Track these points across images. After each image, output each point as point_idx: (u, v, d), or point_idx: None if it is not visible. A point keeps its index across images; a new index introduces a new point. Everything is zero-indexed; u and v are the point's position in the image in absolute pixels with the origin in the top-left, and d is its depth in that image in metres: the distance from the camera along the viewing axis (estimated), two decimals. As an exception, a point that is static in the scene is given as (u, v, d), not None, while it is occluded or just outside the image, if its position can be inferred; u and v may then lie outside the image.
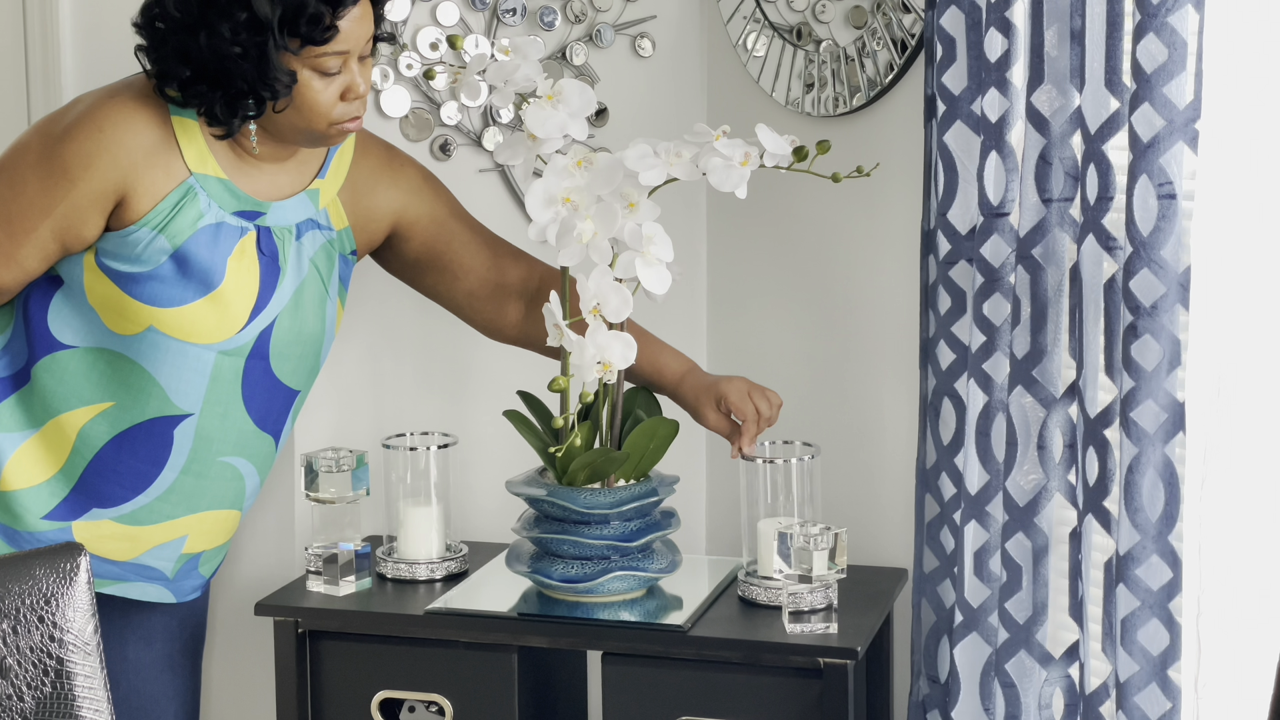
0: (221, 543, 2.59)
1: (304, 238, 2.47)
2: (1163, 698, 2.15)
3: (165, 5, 2.30)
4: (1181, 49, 2.05)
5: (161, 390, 2.42)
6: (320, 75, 2.32)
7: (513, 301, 2.63)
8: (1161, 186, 2.07)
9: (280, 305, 2.45)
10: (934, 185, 2.45)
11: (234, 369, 2.44)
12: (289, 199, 2.45)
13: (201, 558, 2.57)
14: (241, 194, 2.40)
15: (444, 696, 2.54)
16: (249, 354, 2.45)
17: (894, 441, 2.74)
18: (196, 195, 2.37)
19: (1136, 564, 2.14)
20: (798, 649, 2.39)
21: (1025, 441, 2.31)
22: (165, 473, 2.47)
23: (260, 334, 2.44)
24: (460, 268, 2.62)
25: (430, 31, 2.83)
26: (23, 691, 1.85)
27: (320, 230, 2.49)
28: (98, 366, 2.41)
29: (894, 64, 2.64)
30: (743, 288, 2.93)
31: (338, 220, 2.52)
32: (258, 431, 2.51)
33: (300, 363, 2.52)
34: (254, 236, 2.42)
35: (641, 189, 2.37)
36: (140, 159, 2.34)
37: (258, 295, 2.42)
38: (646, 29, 2.92)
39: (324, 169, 2.50)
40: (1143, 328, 2.11)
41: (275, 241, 2.43)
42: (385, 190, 2.56)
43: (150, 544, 2.50)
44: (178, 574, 2.55)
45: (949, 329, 2.45)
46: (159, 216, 2.35)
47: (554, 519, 2.50)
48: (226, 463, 2.50)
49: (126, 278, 2.37)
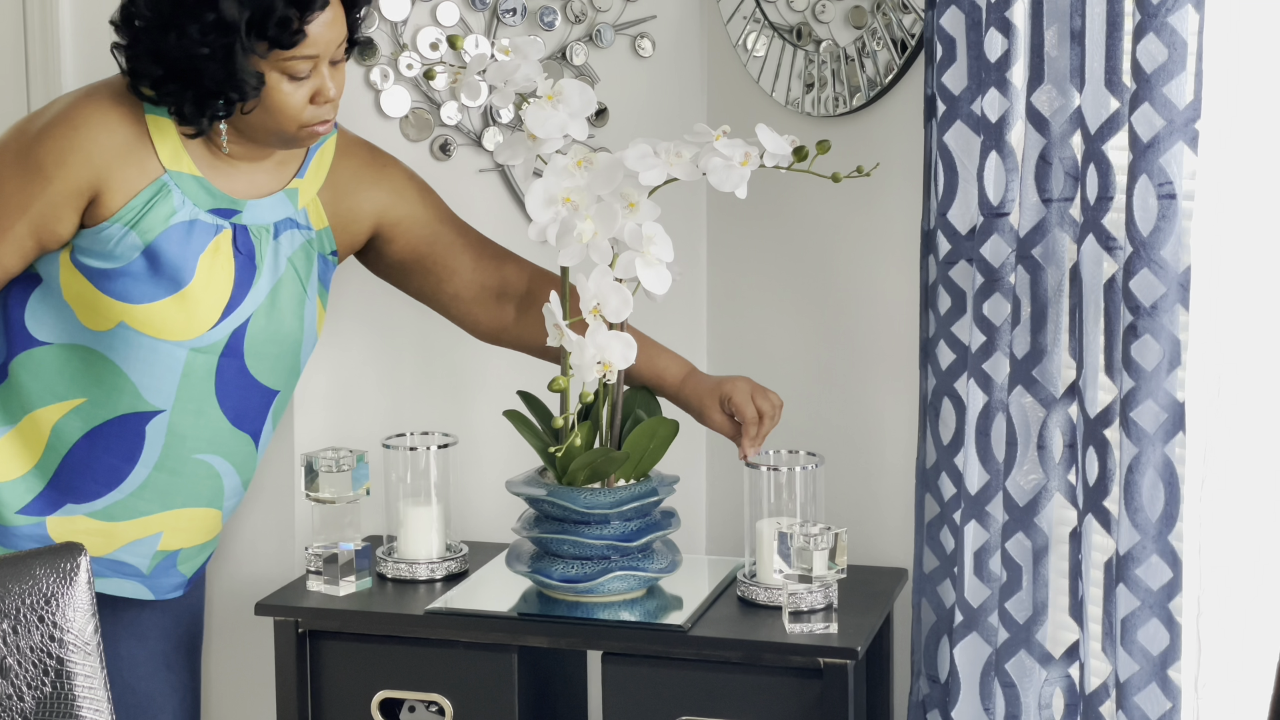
0: (201, 541, 2.59)
1: (281, 237, 2.48)
2: (1163, 698, 2.15)
3: (139, 4, 2.32)
4: (1181, 49, 2.05)
5: (133, 386, 2.43)
6: (289, 78, 2.34)
7: (501, 304, 2.63)
8: (1161, 186, 2.07)
9: (255, 304, 2.46)
10: (934, 185, 2.45)
11: (207, 366, 2.45)
12: (266, 198, 2.46)
13: (179, 555, 2.57)
14: (217, 191, 2.41)
15: (444, 696, 2.54)
16: (222, 352, 2.45)
17: (894, 441, 2.74)
18: (170, 192, 2.38)
19: (1136, 564, 2.14)
20: (798, 649, 2.39)
21: (1025, 441, 2.31)
22: (138, 469, 2.47)
23: (234, 332, 2.45)
24: (446, 269, 2.62)
25: (430, 31, 2.83)
26: (23, 691, 1.85)
27: (299, 230, 2.50)
28: (72, 363, 2.43)
29: (894, 64, 2.64)
30: (743, 288, 2.93)
31: (317, 220, 2.52)
32: (234, 430, 2.51)
33: (277, 362, 2.52)
34: (230, 234, 2.43)
35: (641, 189, 2.37)
36: (113, 156, 2.36)
37: (231, 293, 2.43)
38: (646, 29, 2.92)
39: (303, 169, 2.50)
40: (1143, 328, 2.11)
41: (252, 240, 2.45)
42: (368, 191, 2.56)
43: (124, 540, 2.50)
44: (154, 571, 2.55)
45: (949, 329, 2.45)
46: (131, 213, 2.37)
47: (554, 519, 2.50)
48: (201, 460, 2.50)
49: (99, 274, 2.38)
